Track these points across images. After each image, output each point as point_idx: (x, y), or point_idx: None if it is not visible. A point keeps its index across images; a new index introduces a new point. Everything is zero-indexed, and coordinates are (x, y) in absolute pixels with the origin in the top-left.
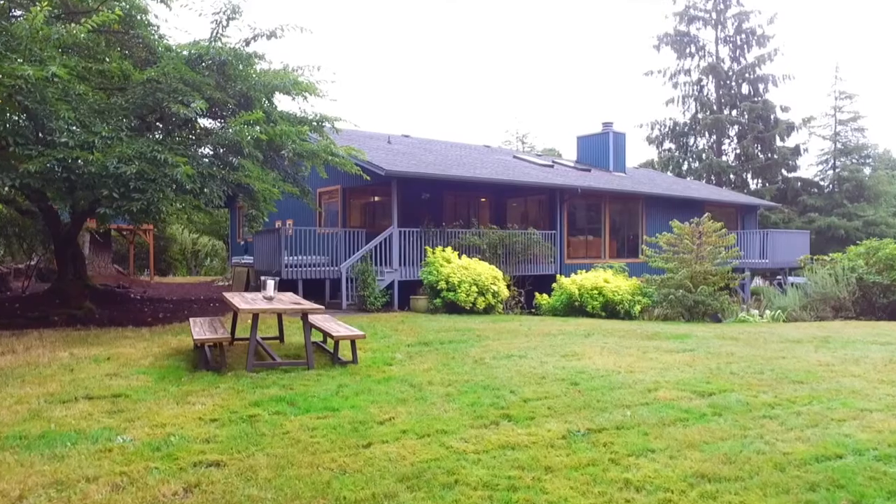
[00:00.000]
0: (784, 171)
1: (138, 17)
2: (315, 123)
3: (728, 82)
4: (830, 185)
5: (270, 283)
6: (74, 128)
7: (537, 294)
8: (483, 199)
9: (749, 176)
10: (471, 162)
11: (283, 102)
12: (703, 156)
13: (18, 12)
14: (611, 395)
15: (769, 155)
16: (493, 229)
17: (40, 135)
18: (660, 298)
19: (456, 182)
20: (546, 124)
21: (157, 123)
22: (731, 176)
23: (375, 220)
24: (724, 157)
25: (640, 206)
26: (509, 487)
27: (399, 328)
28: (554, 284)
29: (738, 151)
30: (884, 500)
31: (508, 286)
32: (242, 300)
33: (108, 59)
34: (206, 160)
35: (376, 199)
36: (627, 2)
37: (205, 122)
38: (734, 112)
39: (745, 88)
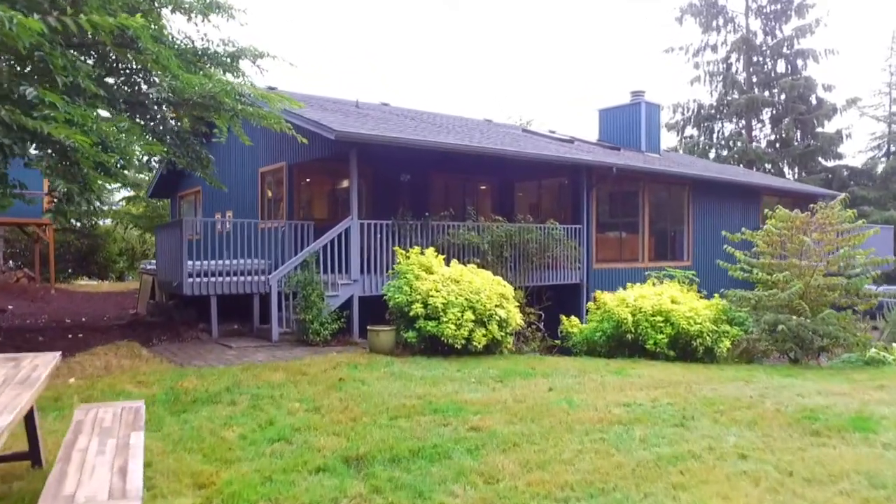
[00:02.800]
0: (823, 160)
1: None
2: (227, 59)
3: (761, 59)
4: (885, 174)
5: None
6: None
7: (563, 318)
8: (483, 187)
9: (785, 165)
10: (466, 133)
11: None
12: (732, 142)
13: None
14: None
15: (809, 141)
16: (499, 222)
17: None
18: (762, 328)
19: (445, 155)
20: (552, 111)
21: None
22: (767, 165)
23: (340, 211)
24: (754, 145)
25: (685, 194)
26: None
27: (325, 401)
28: (590, 304)
29: (771, 137)
30: None
31: (521, 306)
32: None
33: None
34: None
35: (345, 184)
36: None
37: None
38: (767, 93)
39: (780, 66)
